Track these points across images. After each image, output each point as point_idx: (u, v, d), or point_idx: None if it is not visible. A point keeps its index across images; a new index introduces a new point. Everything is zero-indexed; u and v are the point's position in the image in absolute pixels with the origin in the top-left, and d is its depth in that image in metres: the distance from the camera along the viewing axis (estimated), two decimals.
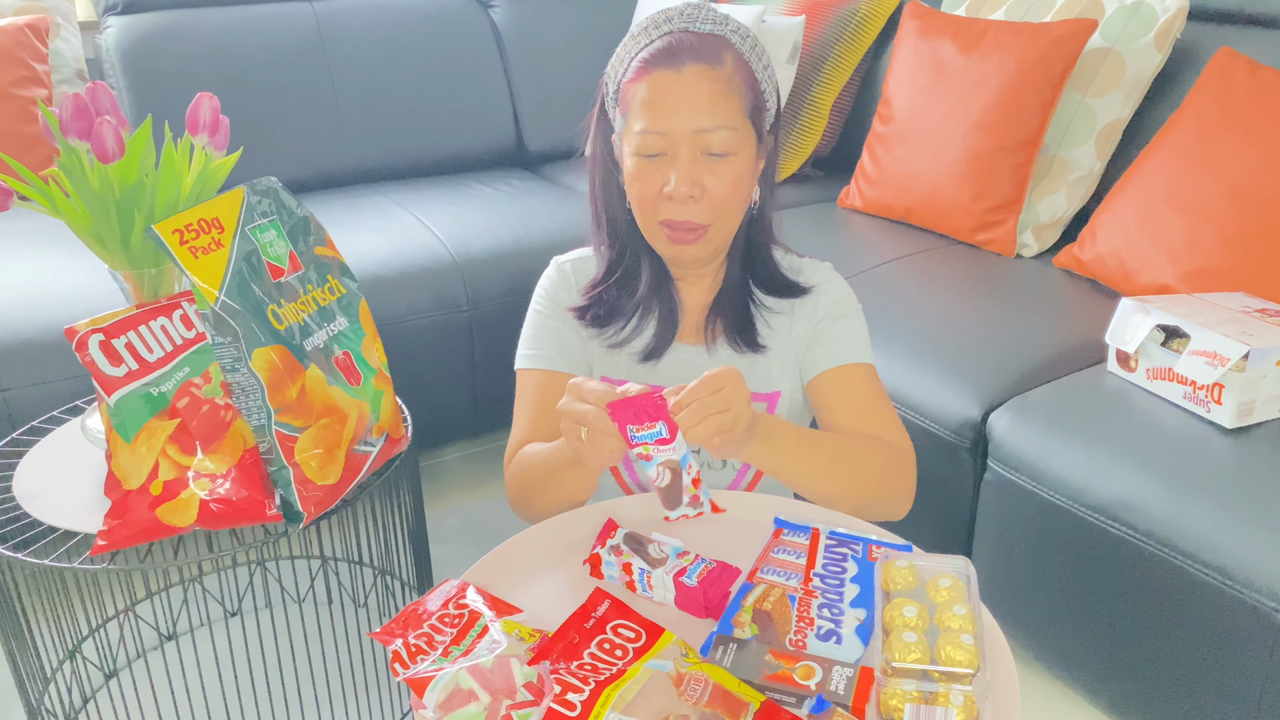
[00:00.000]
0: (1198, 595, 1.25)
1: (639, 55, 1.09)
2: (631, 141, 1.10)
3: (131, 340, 1.07)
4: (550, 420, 1.16)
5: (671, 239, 1.11)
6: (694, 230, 1.10)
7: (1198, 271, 1.64)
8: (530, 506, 1.13)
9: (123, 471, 1.04)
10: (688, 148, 1.06)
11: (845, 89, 2.47)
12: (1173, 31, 1.89)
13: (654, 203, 1.10)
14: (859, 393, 1.16)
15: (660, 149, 1.08)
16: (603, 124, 1.18)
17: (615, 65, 1.13)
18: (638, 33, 1.11)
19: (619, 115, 1.13)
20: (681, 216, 1.09)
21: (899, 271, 1.93)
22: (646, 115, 1.07)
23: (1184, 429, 1.39)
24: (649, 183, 1.09)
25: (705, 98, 1.06)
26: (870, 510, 1.08)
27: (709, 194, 1.08)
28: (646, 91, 1.07)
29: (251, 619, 1.68)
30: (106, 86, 1.10)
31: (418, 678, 0.80)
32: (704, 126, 1.06)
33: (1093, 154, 1.96)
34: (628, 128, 1.10)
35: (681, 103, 1.05)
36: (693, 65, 1.06)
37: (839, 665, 0.83)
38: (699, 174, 1.07)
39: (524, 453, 1.14)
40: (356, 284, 1.14)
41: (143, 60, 2.24)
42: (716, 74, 1.06)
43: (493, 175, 2.54)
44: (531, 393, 1.19)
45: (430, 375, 2.01)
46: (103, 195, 1.09)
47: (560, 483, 1.08)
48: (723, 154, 1.07)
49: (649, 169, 1.09)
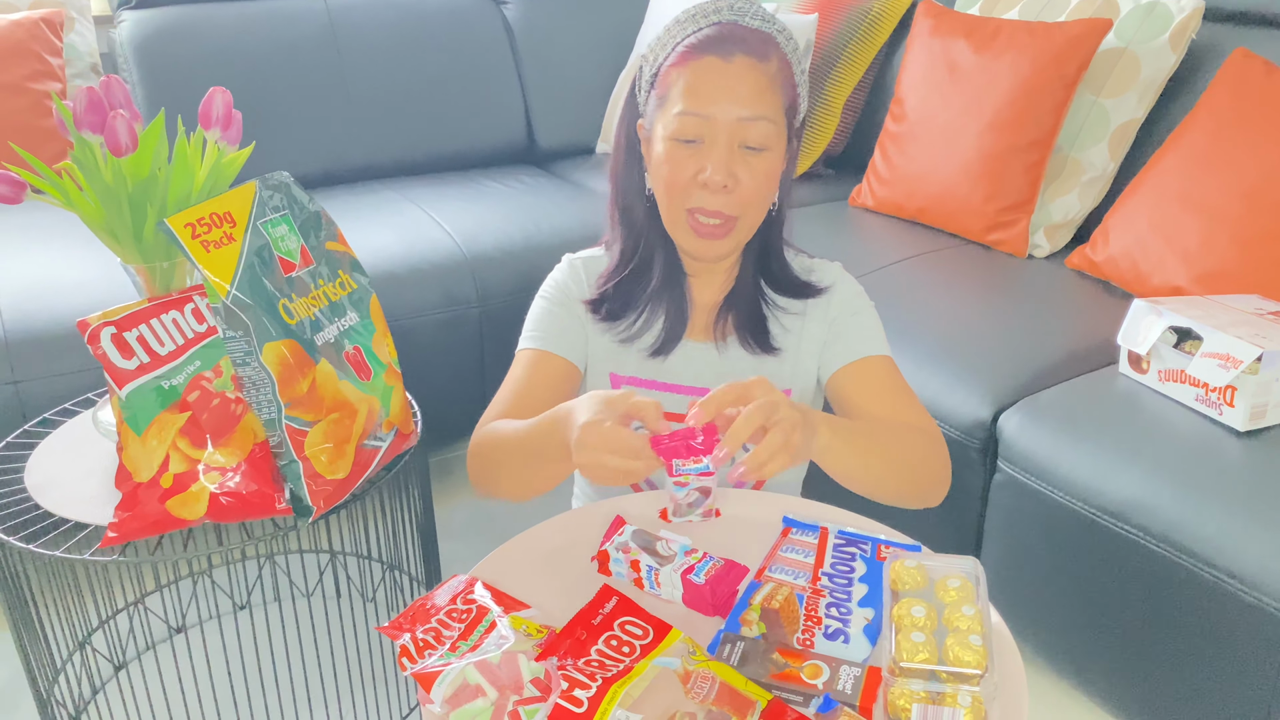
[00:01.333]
0: (1208, 598, 1.24)
1: (685, 40, 1.08)
2: (668, 125, 1.08)
3: (143, 333, 1.07)
4: (528, 397, 1.15)
5: (698, 232, 1.10)
6: (723, 223, 1.09)
7: (1211, 273, 1.63)
8: (490, 482, 1.10)
9: (133, 464, 1.04)
10: (726, 136, 1.06)
11: (857, 88, 2.47)
12: (1188, 32, 1.88)
13: (684, 189, 1.09)
14: (883, 384, 1.16)
15: (698, 134, 1.07)
16: (630, 108, 1.17)
17: (656, 49, 1.11)
18: (684, 19, 1.10)
19: (654, 98, 1.11)
20: (711, 206, 1.08)
21: (910, 271, 1.93)
22: (688, 99, 1.06)
23: (1196, 431, 1.38)
24: (682, 168, 1.08)
25: (751, 89, 1.05)
26: (915, 496, 1.08)
27: (741, 186, 1.07)
28: (691, 75, 1.06)
29: (260, 612, 1.68)
30: (120, 80, 1.11)
31: (425, 672, 0.80)
32: (746, 116, 1.05)
33: (1106, 154, 1.95)
34: (664, 110, 1.09)
35: (726, 90, 1.05)
36: (742, 56, 1.05)
37: (846, 664, 0.83)
38: (734, 164, 1.06)
39: (498, 426, 1.10)
40: (368, 279, 1.14)
41: (156, 55, 2.25)
42: (763, 68, 1.06)
43: (503, 172, 2.54)
44: (521, 369, 1.18)
45: (440, 371, 2.01)
46: (116, 189, 1.09)
47: (542, 471, 1.03)
48: (759, 148, 1.07)
49: (683, 154, 1.08)
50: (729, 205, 1.08)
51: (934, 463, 1.10)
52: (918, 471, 1.08)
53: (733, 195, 1.08)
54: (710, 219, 1.09)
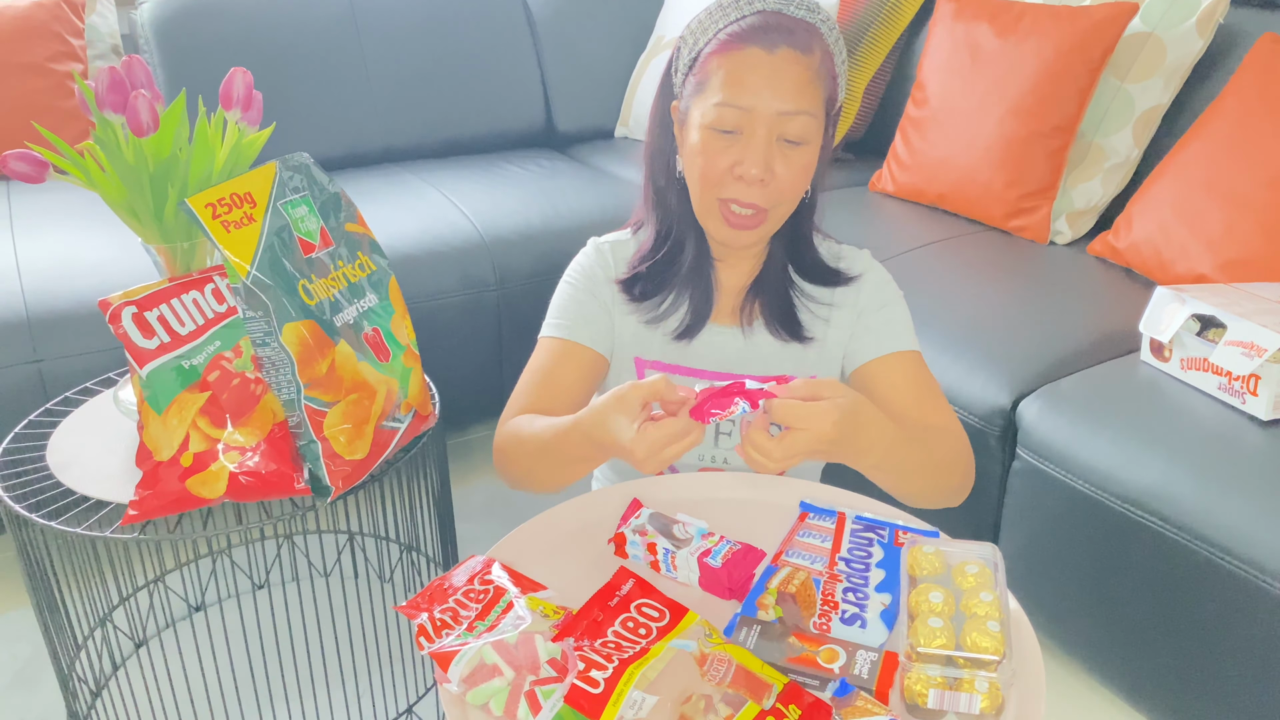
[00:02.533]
0: (1228, 587, 1.24)
1: (727, 28, 1.06)
2: (706, 114, 1.06)
3: (164, 313, 1.08)
4: (553, 389, 1.15)
5: (730, 222, 1.09)
6: (755, 214, 1.08)
7: (1235, 261, 1.61)
8: (515, 475, 1.11)
9: (154, 443, 1.05)
10: (765, 129, 1.04)
11: (879, 72, 2.45)
12: (1215, 17, 1.86)
13: (719, 179, 1.07)
14: (911, 380, 1.15)
15: (736, 125, 1.05)
16: (665, 89, 1.15)
17: (696, 32, 1.10)
18: (727, 4, 1.08)
19: (692, 83, 1.09)
20: (746, 198, 1.07)
21: (930, 257, 1.92)
22: (728, 89, 1.04)
23: (1218, 420, 1.37)
24: (718, 158, 1.07)
25: (793, 82, 1.04)
26: (937, 501, 1.08)
27: (777, 179, 1.06)
28: (733, 65, 1.04)
29: (279, 592, 1.69)
30: (142, 60, 1.11)
31: (443, 652, 0.80)
32: (788, 109, 1.04)
33: (1130, 141, 1.93)
34: (702, 98, 1.07)
35: (768, 82, 1.03)
36: (786, 48, 1.03)
37: (863, 649, 0.83)
38: (772, 158, 1.05)
39: (526, 422, 1.10)
40: (386, 261, 1.14)
41: (177, 35, 2.25)
42: (807, 61, 1.04)
43: (522, 155, 2.54)
44: (544, 357, 1.18)
45: (458, 354, 2.02)
46: (137, 169, 1.09)
47: (555, 464, 1.05)
48: (798, 141, 1.06)
49: (719, 144, 1.06)
50: (763, 198, 1.07)
51: (960, 463, 1.10)
52: (946, 479, 1.08)
53: (768, 188, 1.06)
54: (744, 209, 1.08)
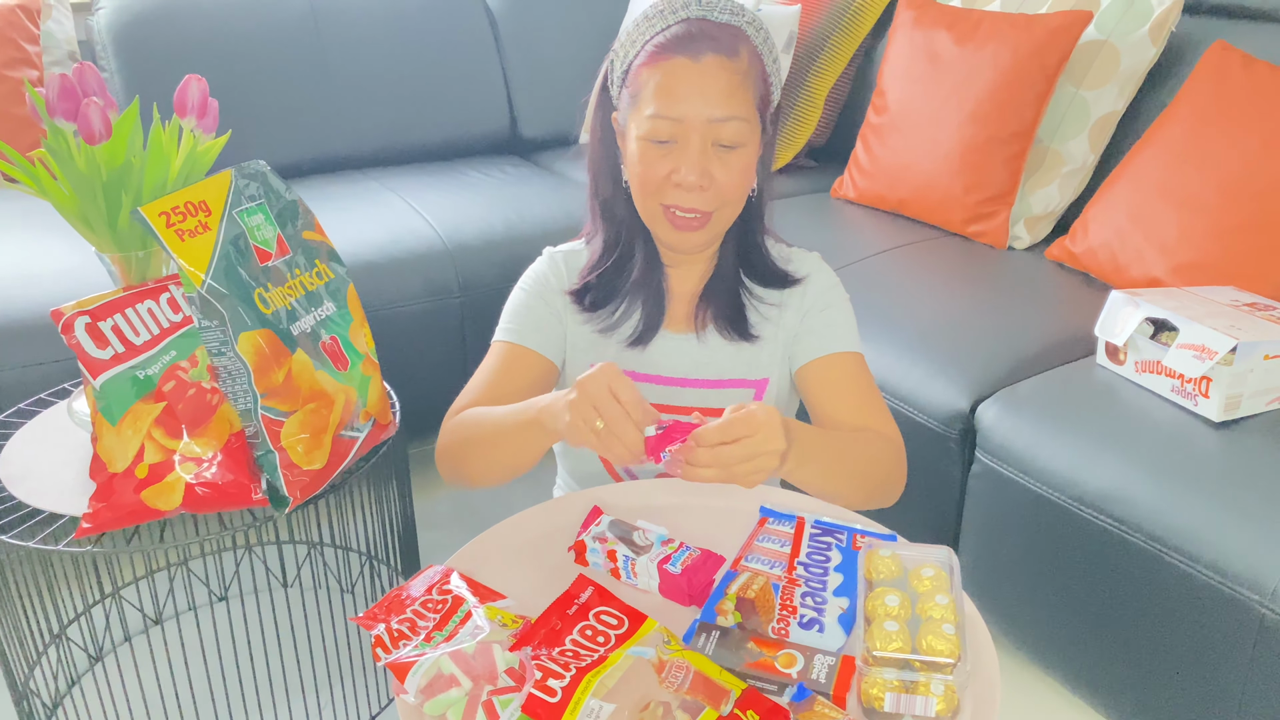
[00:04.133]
0: (1183, 587, 1.26)
1: (654, 39, 1.07)
2: (641, 126, 1.08)
3: (118, 323, 1.06)
4: (500, 390, 1.14)
5: (675, 225, 1.10)
6: (700, 216, 1.09)
7: (1188, 265, 1.64)
8: (463, 465, 1.09)
9: (108, 454, 1.03)
10: (699, 137, 1.06)
11: (840, 79, 2.47)
12: (1168, 24, 1.89)
13: (659, 187, 1.09)
14: (850, 382, 1.16)
15: (670, 135, 1.06)
16: (604, 101, 1.16)
17: (626, 45, 1.11)
18: (653, 15, 1.09)
19: (625, 95, 1.11)
20: (686, 204, 1.08)
21: (891, 263, 1.93)
22: (659, 101, 1.06)
23: (1172, 422, 1.39)
24: (655, 168, 1.08)
25: (722, 88, 1.05)
26: (870, 503, 1.09)
27: (716, 183, 1.07)
28: (661, 77, 1.06)
29: (238, 603, 1.68)
30: (94, 67, 1.09)
31: (399, 663, 0.80)
32: (718, 116, 1.05)
33: (1086, 146, 1.96)
34: (636, 111, 1.09)
35: (697, 91, 1.04)
36: (711, 55, 1.04)
37: (821, 654, 0.83)
38: (708, 163, 1.06)
39: (471, 411, 1.10)
40: (345, 269, 1.13)
41: (135, 43, 2.23)
42: (734, 65, 1.05)
43: (486, 162, 2.53)
44: (495, 360, 1.18)
45: (422, 362, 2.01)
46: (89, 177, 1.08)
47: (511, 444, 1.03)
48: (733, 145, 1.07)
49: (656, 155, 1.08)
50: (705, 201, 1.08)
51: (892, 472, 1.11)
52: (874, 482, 1.09)
53: (708, 193, 1.08)
54: (687, 213, 1.09)
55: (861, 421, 1.13)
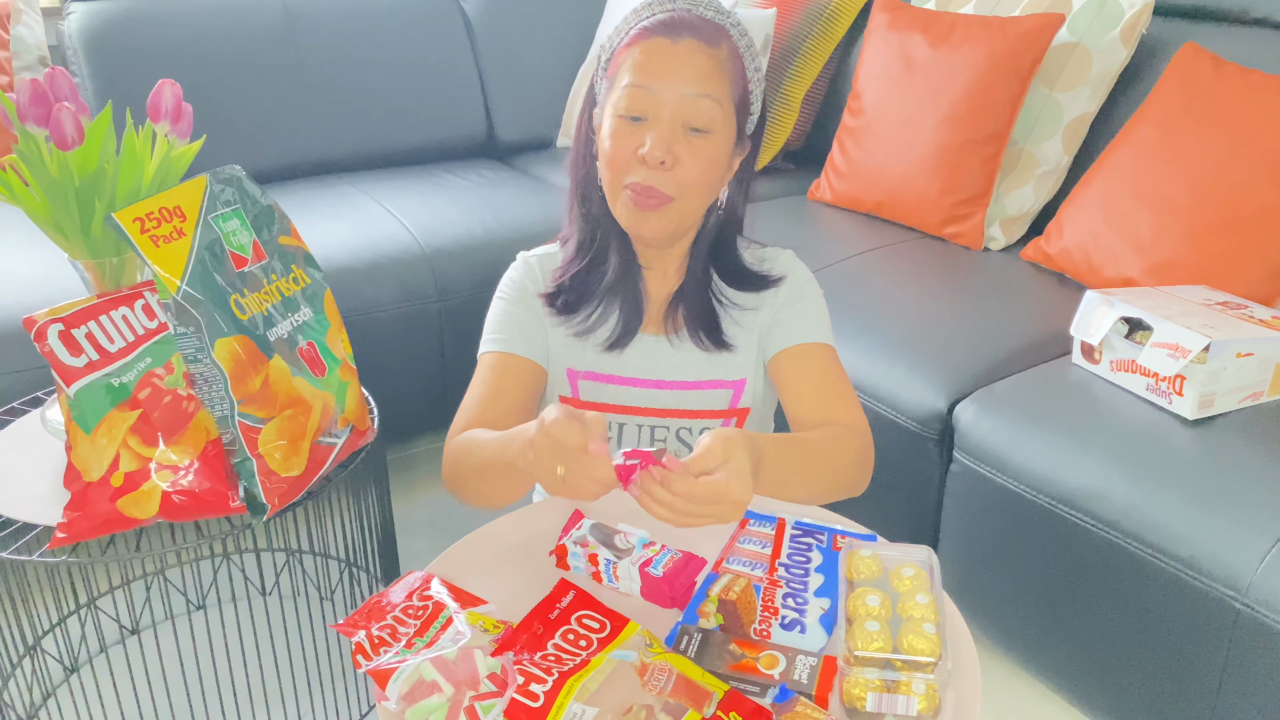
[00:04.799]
0: (1159, 584, 1.27)
1: (638, 25, 1.09)
2: (615, 100, 1.08)
3: (92, 330, 1.05)
4: (498, 402, 1.14)
5: (636, 204, 1.10)
6: (655, 196, 1.09)
7: (1162, 265, 1.66)
8: (462, 492, 1.09)
9: (83, 463, 1.02)
10: (670, 112, 1.06)
11: (816, 82, 2.48)
12: (1138, 27, 1.91)
13: (625, 163, 1.08)
14: (820, 373, 1.17)
15: (642, 110, 1.07)
16: (589, 98, 1.17)
17: (612, 37, 1.13)
18: (640, 8, 1.11)
19: (606, 81, 1.12)
20: (648, 182, 1.08)
21: (868, 264, 1.94)
22: (634, 73, 1.07)
23: (1147, 420, 1.41)
24: (624, 142, 1.08)
25: (697, 68, 1.06)
26: (835, 497, 1.09)
27: (680, 165, 1.07)
28: (640, 54, 1.07)
29: (216, 613, 1.66)
30: (65, 72, 1.08)
31: (380, 669, 0.80)
32: (690, 93, 1.05)
33: (1060, 148, 1.97)
34: (613, 89, 1.10)
35: (673, 67, 1.06)
36: (690, 38, 1.06)
37: (803, 654, 0.83)
38: (675, 143, 1.07)
39: (470, 436, 1.09)
40: (321, 274, 1.13)
41: (106, 47, 2.21)
42: (712, 52, 1.07)
43: (463, 166, 2.52)
44: (487, 371, 1.18)
45: (400, 367, 2.00)
46: (62, 183, 1.07)
47: (494, 483, 1.03)
48: (703, 130, 1.07)
49: (627, 130, 1.08)
50: (666, 183, 1.08)
51: (858, 464, 1.10)
52: (840, 482, 1.08)
53: (671, 174, 1.07)
54: (643, 195, 1.08)
55: (829, 412, 1.13)
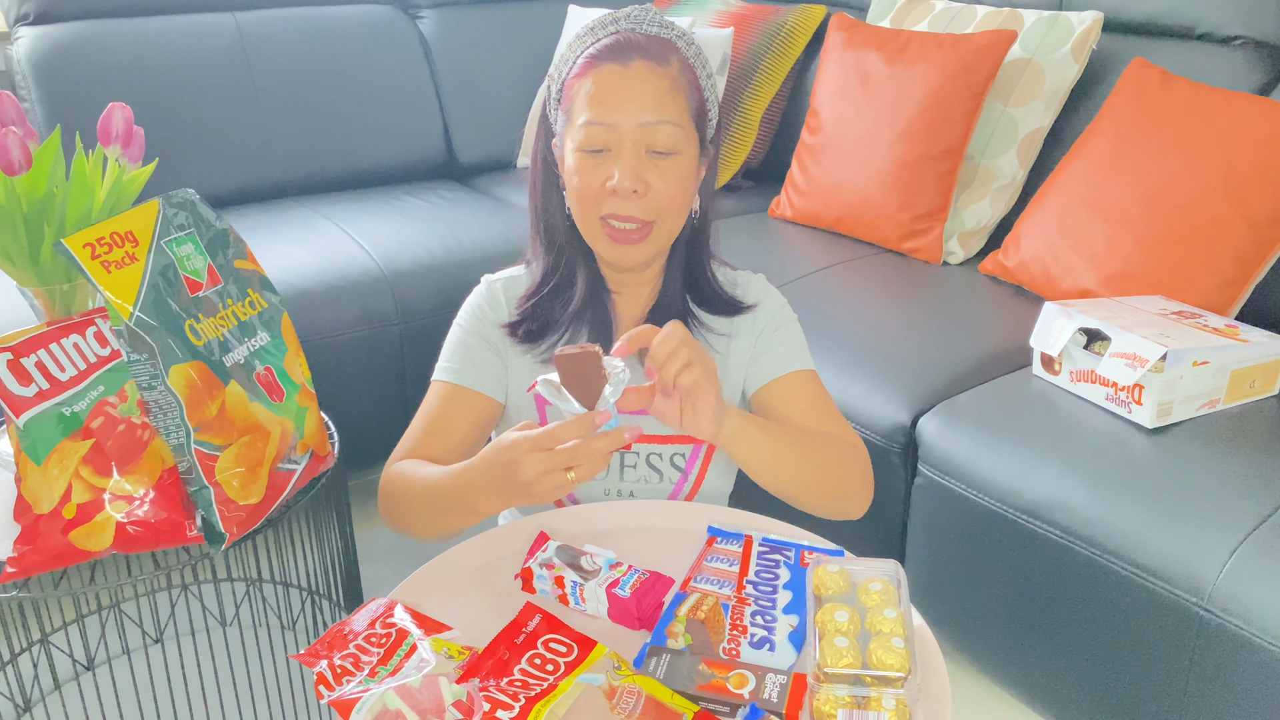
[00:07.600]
0: (1122, 592, 1.28)
1: (585, 53, 1.08)
2: (575, 136, 1.07)
3: (42, 359, 1.03)
4: (442, 434, 1.14)
5: (614, 238, 1.09)
6: (639, 228, 1.08)
7: (1117, 275, 1.68)
8: (401, 522, 1.10)
9: (33, 495, 1.00)
10: (632, 142, 1.05)
11: (774, 100, 2.50)
12: (1089, 43, 1.94)
13: (595, 198, 1.08)
14: (809, 400, 1.17)
15: (604, 144, 1.06)
16: (544, 128, 1.16)
17: (559, 65, 1.12)
18: (583, 33, 1.10)
19: (561, 114, 1.11)
20: (625, 212, 1.07)
21: (828, 280, 1.95)
22: (591, 108, 1.06)
23: (1107, 429, 1.42)
24: (591, 177, 1.07)
25: (652, 93, 1.05)
26: (835, 507, 1.09)
27: (653, 190, 1.07)
28: (592, 86, 1.06)
29: (175, 645, 1.62)
30: (12, 96, 1.06)
31: (343, 699, 0.78)
32: (649, 120, 1.05)
33: (1015, 162, 2.00)
34: (570, 123, 1.08)
35: (628, 97, 1.05)
36: (640, 61, 1.05)
37: (772, 673, 0.83)
38: (643, 170, 1.06)
39: (411, 467, 1.09)
40: (279, 298, 1.11)
41: (56, 72, 2.17)
42: (663, 71, 1.06)
43: (422, 187, 2.51)
44: (434, 402, 1.17)
45: (361, 391, 1.98)
46: (9, 209, 1.05)
47: (444, 517, 1.03)
48: (667, 152, 1.07)
49: (591, 164, 1.07)
50: (642, 210, 1.07)
51: (854, 470, 1.11)
52: (835, 475, 1.09)
53: (645, 200, 1.07)
54: (625, 224, 1.08)
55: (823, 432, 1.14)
